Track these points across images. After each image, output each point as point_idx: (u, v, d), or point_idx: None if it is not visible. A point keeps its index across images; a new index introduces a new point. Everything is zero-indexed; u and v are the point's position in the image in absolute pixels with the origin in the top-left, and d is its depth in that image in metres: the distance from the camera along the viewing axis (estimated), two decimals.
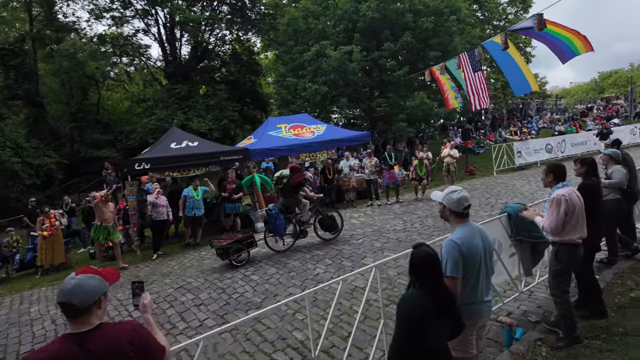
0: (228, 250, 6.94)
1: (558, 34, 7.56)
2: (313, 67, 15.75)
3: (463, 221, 2.71)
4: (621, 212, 5.30)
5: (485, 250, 2.65)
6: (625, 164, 5.49)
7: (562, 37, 7.60)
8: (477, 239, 2.63)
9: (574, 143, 16.88)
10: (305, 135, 11.80)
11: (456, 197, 2.68)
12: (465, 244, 2.56)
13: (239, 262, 7.00)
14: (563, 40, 7.60)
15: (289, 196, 7.64)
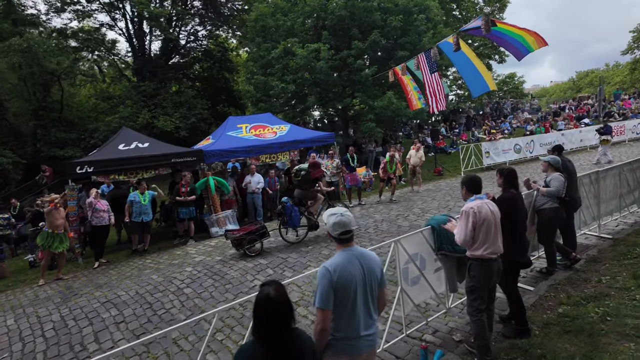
0: (242, 241, 7.16)
1: (510, 32, 7.42)
2: (281, 65, 15.35)
3: (343, 246, 2.44)
4: (559, 221, 5.16)
5: (365, 279, 2.37)
6: (565, 171, 5.34)
7: (515, 35, 7.46)
8: (354, 266, 2.35)
9: (542, 143, 16.96)
10: (267, 136, 11.44)
11: (332, 221, 2.40)
12: (337, 272, 2.29)
13: (253, 252, 7.27)
14: (516, 38, 7.47)
15: (305, 189, 7.95)
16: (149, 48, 22.97)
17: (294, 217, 7.65)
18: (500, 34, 7.57)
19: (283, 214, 7.75)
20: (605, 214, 6.82)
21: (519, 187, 3.97)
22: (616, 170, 6.83)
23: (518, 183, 3.96)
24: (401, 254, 3.84)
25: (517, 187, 3.94)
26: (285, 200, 7.84)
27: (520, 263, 3.89)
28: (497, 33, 7.49)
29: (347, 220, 2.38)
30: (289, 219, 7.63)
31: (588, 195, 6.41)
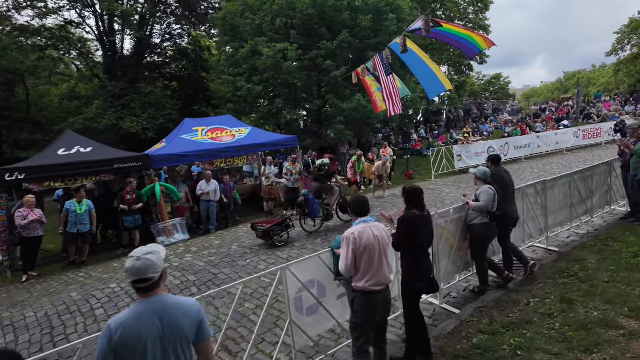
0: (270, 233, 7.50)
1: (457, 32, 7.10)
2: (248, 64, 14.89)
3: (141, 297, 2.01)
4: (489, 237, 4.79)
5: (163, 338, 1.92)
6: (498, 183, 4.98)
7: (462, 34, 7.17)
8: (146, 322, 1.90)
9: (517, 146, 16.70)
10: (224, 139, 10.98)
11: (126, 266, 1.98)
12: (120, 331, 1.86)
13: (281, 242, 7.62)
14: (464, 37, 7.18)
15: (324, 182, 8.54)
16: (120, 47, 22.37)
17: (314, 209, 8.17)
18: (447, 34, 7.24)
19: (304, 205, 8.22)
20: (554, 225, 6.49)
21: (424, 207, 3.57)
22: (566, 180, 6.50)
23: (422, 202, 3.56)
24: (291, 282, 3.43)
25: (422, 206, 3.54)
26: (306, 193, 8.42)
27: (418, 289, 3.50)
28: (444, 33, 7.16)
29: (142, 266, 1.94)
30: (310, 210, 8.16)
31: (534, 207, 6.07)
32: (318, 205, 8.26)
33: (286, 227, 7.77)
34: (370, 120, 15.22)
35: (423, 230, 3.47)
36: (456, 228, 4.91)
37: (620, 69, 35.26)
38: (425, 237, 3.51)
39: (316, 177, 8.64)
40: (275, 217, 8.37)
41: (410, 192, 3.53)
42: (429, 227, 3.56)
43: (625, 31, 32.80)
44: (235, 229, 9.83)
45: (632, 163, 6.44)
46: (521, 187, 5.83)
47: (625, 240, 5.71)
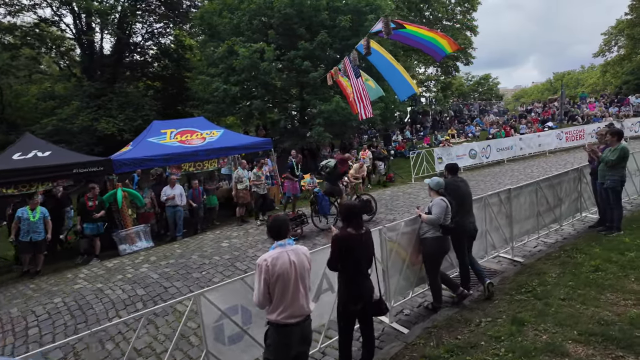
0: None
1: (421, 34, 6.84)
2: (225, 65, 14.53)
3: None
4: (442, 251, 4.53)
5: None
6: (454, 194, 4.73)
7: (427, 37, 6.92)
8: None
9: (499, 148, 16.55)
10: (194, 142, 10.64)
11: None
12: None
13: (295, 236, 7.79)
14: (429, 40, 6.94)
15: (333, 182, 8.65)
16: (99, 45, 21.85)
17: (324, 206, 8.48)
18: (412, 36, 6.98)
19: (315, 202, 8.59)
20: (520, 235, 6.27)
21: (360, 225, 3.28)
22: (532, 187, 6.27)
23: (359, 220, 3.27)
24: (208, 309, 3.12)
25: (357, 224, 3.24)
26: (317, 191, 8.84)
27: (351, 312, 3.22)
28: (408, 35, 6.90)
29: None
30: (319, 207, 8.48)
31: (498, 216, 5.83)
32: (327, 202, 8.56)
33: (301, 222, 8.20)
34: (350, 122, 14.92)
35: (359, 249, 3.19)
36: (408, 241, 4.64)
37: (607, 70, 35.46)
38: (362, 257, 3.22)
39: (326, 177, 8.90)
40: (290, 212, 8.82)
41: (345, 209, 3.25)
42: (366, 246, 3.27)
43: (612, 32, 32.95)
44: (202, 235, 9.49)
45: (600, 170, 6.23)
46: (483, 196, 5.60)
47: (589, 251, 5.49)
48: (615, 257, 5.06)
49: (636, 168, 7.88)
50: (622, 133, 6.20)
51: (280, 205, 12.04)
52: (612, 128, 6.33)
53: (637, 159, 7.84)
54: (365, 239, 3.30)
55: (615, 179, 5.96)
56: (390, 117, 17.79)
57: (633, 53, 31.17)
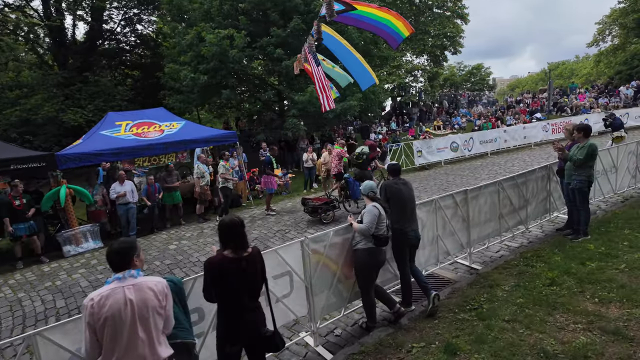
0: (317, 210, 8.24)
1: (375, 16, 6.22)
2: (193, 52, 13.78)
3: None
4: (374, 264, 3.99)
5: None
6: (393, 199, 4.18)
7: (382, 19, 6.31)
8: None
9: (483, 140, 16.01)
10: (150, 135, 9.97)
11: None
12: None
13: (326, 220, 8.29)
14: (384, 22, 6.33)
15: (364, 168, 9.04)
16: (72, 32, 20.91)
17: (355, 190, 8.76)
18: (365, 19, 6.36)
19: (346, 187, 8.98)
20: (479, 240, 5.74)
21: (241, 245, 2.70)
22: (493, 188, 5.72)
23: (239, 240, 2.68)
24: (49, 350, 2.55)
25: (237, 245, 2.67)
26: (347, 176, 9.09)
27: (227, 353, 2.67)
28: (361, 17, 6.27)
29: None
30: (351, 192, 8.87)
31: (452, 220, 5.29)
32: (358, 187, 8.65)
33: (332, 207, 8.49)
34: (327, 114, 14.26)
35: (237, 277, 2.61)
36: (339, 252, 4.10)
37: (600, 60, 34.84)
38: (241, 285, 2.65)
39: (355, 164, 9.21)
40: (322, 197, 9.20)
41: (222, 228, 2.68)
42: (249, 272, 2.69)
43: (606, 21, 32.27)
44: (155, 235, 8.93)
45: (566, 169, 5.69)
46: (434, 198, 5.05)
47: (549, 259, 4.98)
48: (575, 267, 4.55)
49: (612, 165, 7.36)
50: (590, 129, 5.64)
51: (247, 201, 11.49)
52: (582, 124, 5.76)
53: (613, 155, 7.31)
54: (248, 263, 2.67)
55: (582, 179, 5.42)
56: (371, 108, 17.12)
57: (627, 43, 30.54)
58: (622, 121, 13.86)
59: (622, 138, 12.23)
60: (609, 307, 3.64)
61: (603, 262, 4.56)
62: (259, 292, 2.77)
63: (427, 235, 5.04)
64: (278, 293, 3.62)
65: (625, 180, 7.66)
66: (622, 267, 4.35)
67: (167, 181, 9.98)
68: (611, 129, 13.29)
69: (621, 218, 6.12)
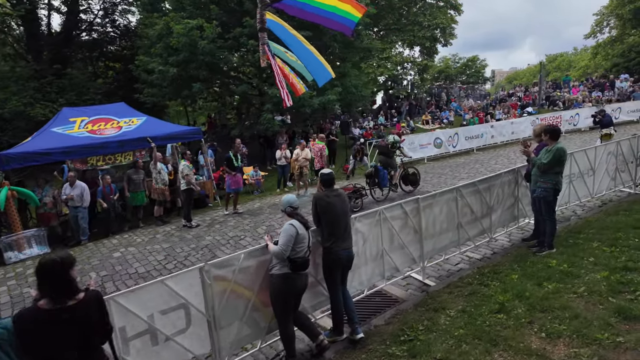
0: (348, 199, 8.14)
1: (321, 4, 5.63)
2: (163, 44, 13.12)
3: None
4: (289, 293, 3.46)
5: None
6: (323, 214, 3.66)
7: (330, 7, 5.72)
8: None
9: (468, 136, 15.43)
10: (106, 132, 9.41)
11: None
12: None
13: (356, 208, 8.25)
14: (333, 11, 5.74)
15: (390, 156, 9.37)
16: (47, 23, 20.14)
17: (384, 178, 9.04)
18: (310, 8, 5.76)
19: (375, 175, 9.06)
20: (436, 251, 5.22)
21: (64, 291, 2.12)
22: (450, 195, 5.18)
23: (59, 285, 2.11)
24: None
25: (56, 292, 2.10)
26: (374, 165, 9.36)
27: None
28: (306, 7, 5.68)
29: None
30: (380, 180, 9.02)
31: (402, 232, 4.77)
32: (386, 175, 9.10)
33: (360, 195, 8.60)
34: (304, 108, 13.67)
35: (56, 334, 2.06)
36: (254, 277, 3.57)
37: (598, 52, 34.10)
38: (64, 344, 2.09)
39: (382, 151, 9.54)
40: (348, 186, 9.00)
41: (37, 271, 2.12)
42: (76, 325, 2.12)
43: (604, 12, 31.44)
44: (108, 240, 8.38)
45: (532, 175, 5.14)
46: (378, 209, 4.51)
47: (505, 278, 4.46)
48: (530, 289, 4.03)
49: (589, 167, 6.81)
50: (559, 131, 5.07)
51: (214, 202, 10.96)
52: (549, 126, 5.18)
53: (590, 156, 6.76)
54: (74, 316, 2.10)
55: (547, 186, 4.88)
56: (352, 103, 16.49)
57: (624, 34, 29.78)
58: (611, 118, 13.29)
59: (611, 136, 11.68)
60: (556, 345, 3.12)
61: (562, 284, 4.04)
62: (95, 344, 2.23)
63: (370, 250, 4.52)
64: (168, 330, 3.09)
65: (604, 183, 7.12)
66: (581, 290, 3.83)
67: (134, 179, 9.40)
68: (600, 126, 12.75)
69: (593, 227, 5.59)
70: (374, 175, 9.08)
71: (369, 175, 9.23)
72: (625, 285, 3.79)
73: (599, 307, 3.52)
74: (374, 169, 9.12)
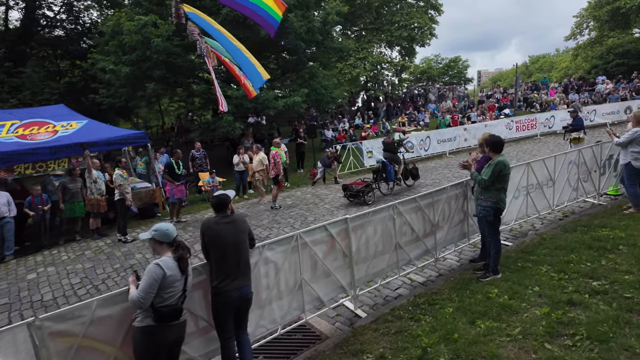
0: (359, 193, 8.74)
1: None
2: (116, 41, 12.31)
3: None
4: (153, 348, 2.80)
5: None
6: (209, 244, 3.05)
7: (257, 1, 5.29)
8: None
9: (440, 139, 14.98)
10: (38, 137, 8.62)
11: None
12: None
13: (369, 201, 8.73)
14: (259, 5, 5.39)
15: (395, 152, 9.77)
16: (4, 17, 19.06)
17: (390, 172, 9.41)
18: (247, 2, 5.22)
19: (381, 170, 9.41)
20: (370, 277, 4.63)
21: None
22: (386, 213, 4.60)
23: None
24: None
25: None
26: (380, 160, 9.73)
27: None
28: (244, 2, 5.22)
29: None
30: (388, 175, 9.40)
31: (328, 258, 4.17)
32: (393, 170, 9.47)
33: (372, 189, 9.07)
34: (268, 110, 13.01)
35: None
36: (116, 328, 2.90)
37: (578, 53, 34.19)
38: None
39: (388, 148, 9.86)
40: (358, 180, 9.79)
41: None
42: None
43: (583, 15, 31.49)
44: (34, 256, 7.59)
45: (475, 192, 4.59)
46: (294, 234, 3.89)
47: (438, 312, 3.89)
48: (460, 328, 3.46)
49: (548, 177, 6.31)
50: (501, 142, 4.51)
51: (163, 211, 10.23)
52: (490, 137, 4.64)
53: (549, 167, 6.26)
54: None
55: (487, 205, 4.33)
56: (322, 105, 15.89)
57: (603, 36, 29.86)
58: (583, 122, 12.97)
59: (581, 140, 11.30)
60: None
61: (497, 322, 3.48)
62: None
63: (287, 281, 3.92)
64: None
65: (566, 194, 6.64)
66: (515, 332, 3.28)
67: (70, 189, 8.61)
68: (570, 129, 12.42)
69: (547, 246, 5.08)
70: (381, 170, 9.40)
71: (376, 171, 9.60)
72: (565, 326, 3.25)
73: (531, 357, 2.96)
74: (382, 164, 9.45)
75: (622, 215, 5.79)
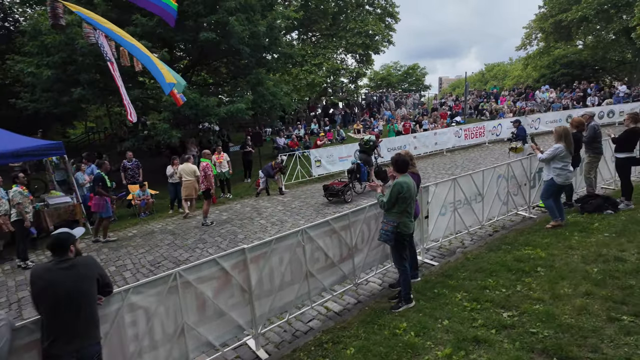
0: (339, 192, 9.39)
1: None
2: (37, 42, 11.20)
3: None
4: None
5: None
6: (36, 297, 2.41)
7: None
8: None
9: (390, 148, 14.88)
10: None
11: None
12: None
13: (348, 199, 9.39)
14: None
15: (369, 154, 10.43)
16: None
17: (364, 173, 9.94)
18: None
19: (357, 171, 9.86)
20: (276, 312, 4.16)
21: None
22: (293, 240, 4.15)
23: None
24: None
25: None
26: (355, 161, 10.11)
27: None
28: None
29: None
30: (361, 175, 9.90)
31: (218, 296, 3.65)
32: (366, 171, 10.00)
33: (350, 189, 9.61)
34: (209, 118, 12.32)
35: None
36: None
37: (528, 63, 35.86)
38: None
39: (362, 149, 10.40)
40: (336, 180, 10.46)
41: None
42: None
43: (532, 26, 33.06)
44: None
45: None
46: (173, 271, 3.35)
47: (340, 353, 3.49)
48: None
49: (476, 192, 6.15)
50: (404, 162, 4.19)
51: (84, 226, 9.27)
52: (395, 156, 4.33)
53: (477, 182, 6.10)
54: None
55: (388, 229, 4.02)
56: (271, 112, 15.38)
57: (550, 47, 31.45)
58: (525, 131, 13.32)
59: (520, 149, 11.54)
60: None
61: None
62: None
63: (164, 328, 3.36)
64: None
65: (496, 208, 6.53)
66: None
67: None
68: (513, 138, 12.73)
69: (468, 268, 4.84)
70: (355, 171, 9.87)
71: (350, 171, 9.99)
72: None
73: None
74: (356, 165, 9.92)
75: (546, 232, 5.70)
